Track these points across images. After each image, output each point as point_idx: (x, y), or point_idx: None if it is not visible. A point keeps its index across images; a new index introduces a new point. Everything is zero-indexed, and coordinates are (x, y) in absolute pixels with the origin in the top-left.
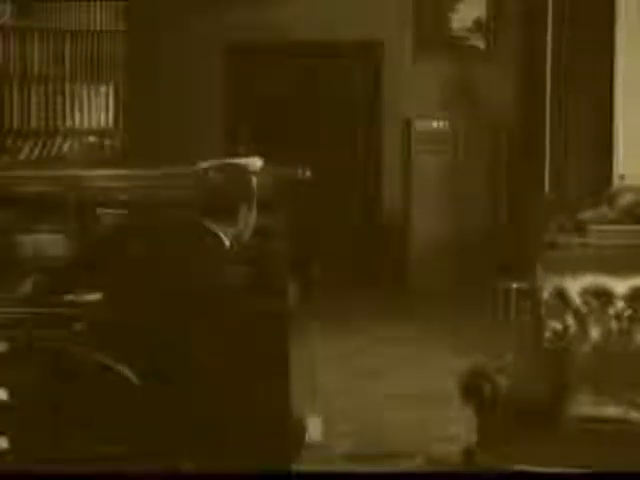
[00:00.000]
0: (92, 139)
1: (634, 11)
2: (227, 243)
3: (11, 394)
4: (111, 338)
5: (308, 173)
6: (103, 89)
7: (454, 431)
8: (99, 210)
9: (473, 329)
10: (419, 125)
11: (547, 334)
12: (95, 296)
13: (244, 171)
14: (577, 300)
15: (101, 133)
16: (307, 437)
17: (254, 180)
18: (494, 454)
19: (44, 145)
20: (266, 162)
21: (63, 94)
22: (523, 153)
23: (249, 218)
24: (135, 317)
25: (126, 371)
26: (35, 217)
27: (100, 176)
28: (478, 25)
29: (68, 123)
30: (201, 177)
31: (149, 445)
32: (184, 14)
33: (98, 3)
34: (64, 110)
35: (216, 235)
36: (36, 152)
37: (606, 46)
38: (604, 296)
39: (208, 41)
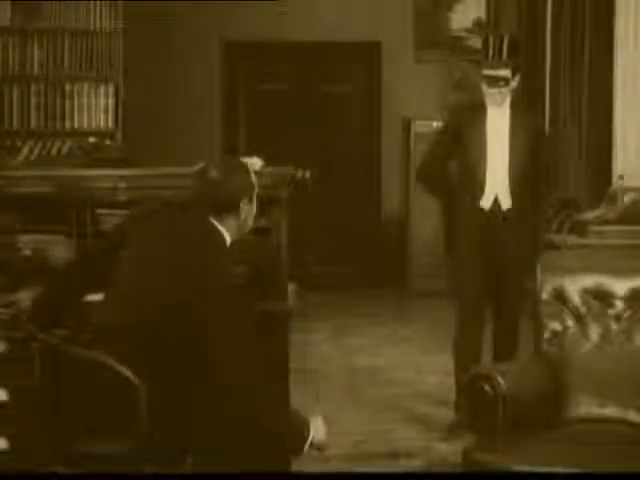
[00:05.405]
0: (92, 139)
1: (633, 10)
2: (229, 238)
3: (11, 394)
4: (112, 338)
5: (308, 173)
6: (103, 89)
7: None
8: (99, 210)
9: None
10: (419, 125)
11: (546, 335)
12: (96, 296)
13: (243, 165)
14: (577, 300)
15: (101, 133)
16: (311, 437)
17: (253, 174)
18: (494, 454)
19: (44, 145)
20: (266, 162)
21: (63, 94)
22: None
23: (250, 210)
24: (136, 317)
25: (126, 371)
26: (35, 217)
27: (100, 176)
28: (478, 25)
29: (68, 123)
30: (200, 172)
31: (149, 445)
32: (184, 13)
33: (98, 3)
34: (64, 110)
35: (218, 230)
36: (36, 152)
37: (606, 46)
38: (604, 297)
39: (208, 41)
